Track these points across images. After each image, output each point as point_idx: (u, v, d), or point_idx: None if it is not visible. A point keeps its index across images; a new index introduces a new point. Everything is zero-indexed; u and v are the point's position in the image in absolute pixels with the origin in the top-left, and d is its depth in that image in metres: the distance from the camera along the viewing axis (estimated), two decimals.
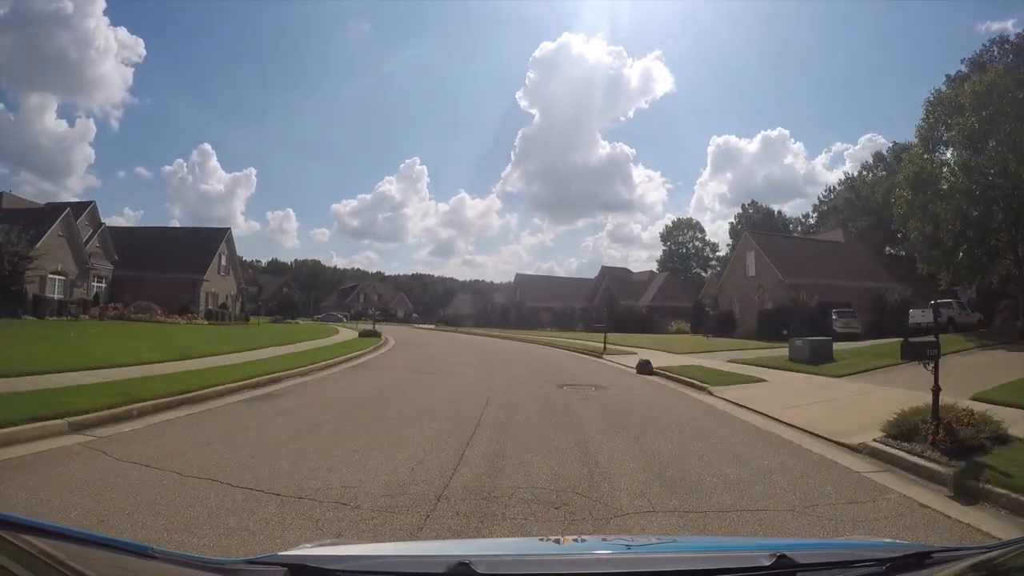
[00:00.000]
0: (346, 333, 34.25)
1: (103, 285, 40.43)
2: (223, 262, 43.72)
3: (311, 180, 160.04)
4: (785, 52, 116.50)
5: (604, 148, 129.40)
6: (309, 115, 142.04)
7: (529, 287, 73.13)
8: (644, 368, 15.74)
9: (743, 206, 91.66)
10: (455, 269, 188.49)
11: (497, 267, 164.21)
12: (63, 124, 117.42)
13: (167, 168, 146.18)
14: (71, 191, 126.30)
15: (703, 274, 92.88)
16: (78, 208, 39.14)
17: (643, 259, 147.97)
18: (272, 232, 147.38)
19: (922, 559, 1.35)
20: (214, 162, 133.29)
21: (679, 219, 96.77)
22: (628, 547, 1.71)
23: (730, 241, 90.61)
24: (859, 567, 1.37)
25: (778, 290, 35.65)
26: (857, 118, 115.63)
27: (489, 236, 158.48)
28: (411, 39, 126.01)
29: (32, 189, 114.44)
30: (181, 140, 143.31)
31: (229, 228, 45.91)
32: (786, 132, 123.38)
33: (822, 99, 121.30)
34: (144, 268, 40.01)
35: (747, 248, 39.17)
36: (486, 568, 1.22)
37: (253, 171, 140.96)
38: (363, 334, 29.32)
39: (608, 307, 64.15)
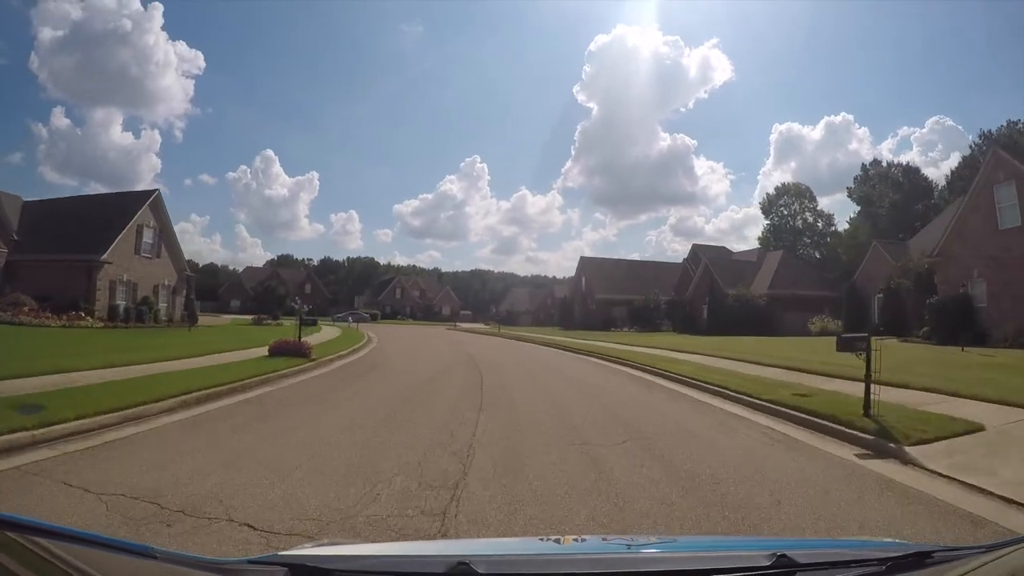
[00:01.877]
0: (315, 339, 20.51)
1: None
2: (147, 239, 30.30)
3: (373, 182, 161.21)
4: (845, 32, 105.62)
5: (664, 140, 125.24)
6: (369, 117, 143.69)
7: (597, 275, 56.70)
8: None
9: (863, 166, 71.84)
10: (518, 266, 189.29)
11: (560, 263, 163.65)
12: (129, 136, 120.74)
13: (231, 175, 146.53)
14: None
15: (816, 255, 73.74)
16: None
17: None
18: (336, 234, 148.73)
19: (922, 559, 1.35)
20: (277, 167, 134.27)
21: (784, 184, 77.64)
22: (628, 547, 1.67)
23: (857, 208, 71.61)
24: (859, 567, 1.35)
25: None
26: (924, 100, 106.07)
27: (551, 233, 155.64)
28: (465, 38, 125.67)
29: None
30: (244, 147, 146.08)
31: (156, 191, 31.36)
32: (850, 117, 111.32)
33: (887, 81, 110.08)
34: (45, 250, 27.79)
35: (998, 179, 21.64)
36: (486, 568, 1.20)
37: (316, 175, 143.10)
38: (276, 351, 14.94)
39: (710, 298, 47.36)
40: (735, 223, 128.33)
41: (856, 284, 38.58)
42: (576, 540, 1.78)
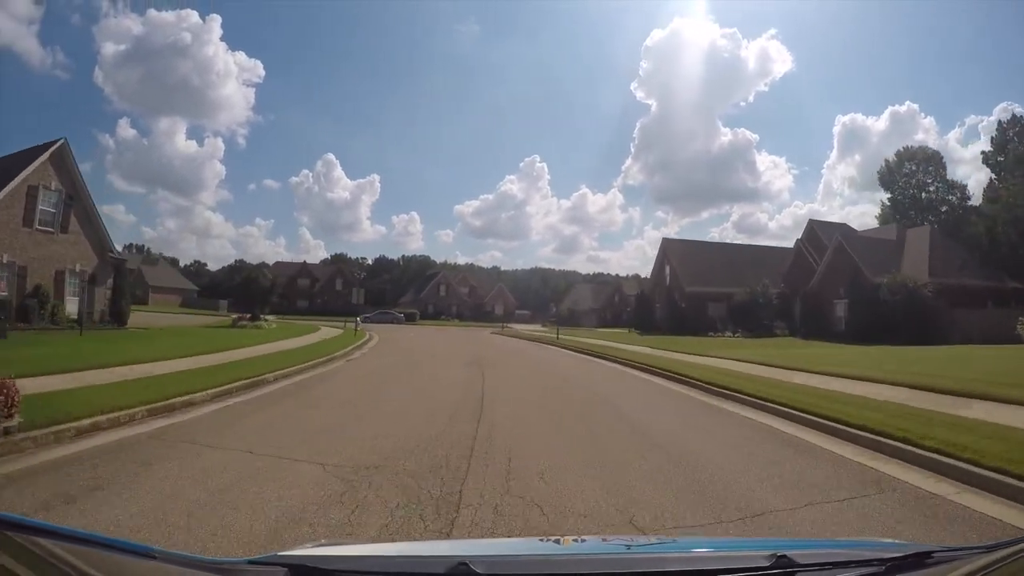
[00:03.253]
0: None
1: None
2: (46, 205, 21.80)
3: (433, 183, 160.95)
4: (905, 16, 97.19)
5: (725, 135, 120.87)
6: (428, 119, 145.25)
7: (686, 259, 44.54)
8: None
9: (999, 123, 56.70)
10: (579, 265, 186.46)
11: (621, 262, 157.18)
12: (193, 144, 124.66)
13: (294, 179, 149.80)
14: (204, 205, 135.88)
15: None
16: None
17: None
18: (397, 235, 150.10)
19: (922, 559, 1.34)
20: (338, 171, 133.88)
21: (907, 147, 63.43)
22: (628, 547, 1.69)
23: (990, 177, 56.83)
24: (859, 567, 1.35)
25: None
26: (991, 85, 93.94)
27: (612, 231, 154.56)
28: (520, 37, 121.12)
29: (169, 205, 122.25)
30: (305, 151, 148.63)
31: (62, 139, 22.43)
32: (915, 107, 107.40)
33: (953, 66, 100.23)
34: None
35: None
36: (485, 568, 1.20)
37: (376, 177, 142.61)
38: None
39: (849, 290, 34.90)
40: (798, 219, 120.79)
41: None
42: (576, 540, 1.74)
